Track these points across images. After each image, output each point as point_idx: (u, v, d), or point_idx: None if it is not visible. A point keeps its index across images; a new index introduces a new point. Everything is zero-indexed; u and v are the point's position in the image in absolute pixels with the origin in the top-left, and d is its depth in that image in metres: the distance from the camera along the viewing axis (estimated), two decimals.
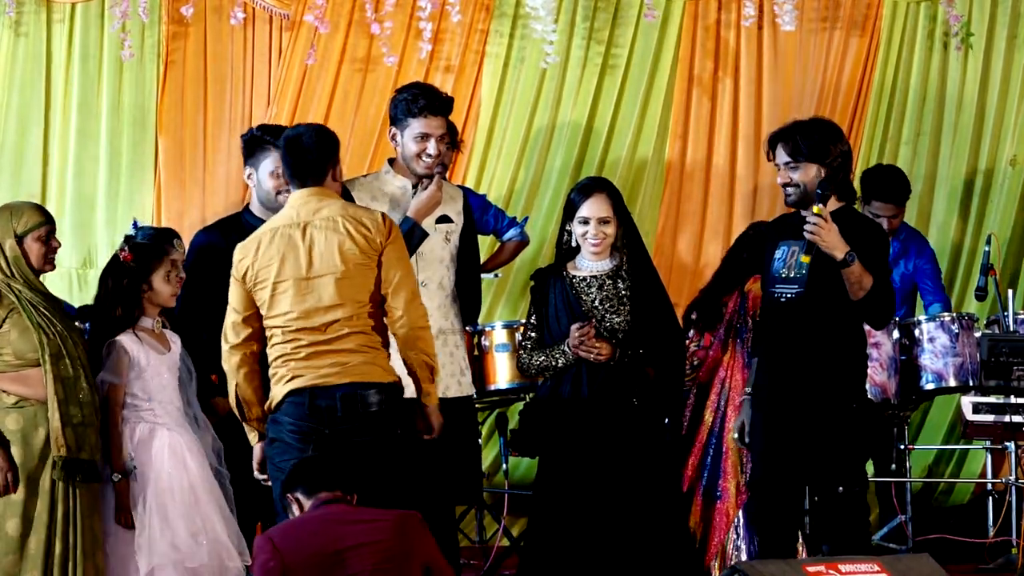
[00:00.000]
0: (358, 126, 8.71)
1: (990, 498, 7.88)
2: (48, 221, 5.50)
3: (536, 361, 6.09)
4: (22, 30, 8.55)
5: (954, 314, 7.60)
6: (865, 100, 8.85)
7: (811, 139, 5.80)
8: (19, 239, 5.38)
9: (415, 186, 6.18)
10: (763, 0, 8.76)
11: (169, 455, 5.53)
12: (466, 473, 6.19)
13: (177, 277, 5.66)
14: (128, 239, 5.68)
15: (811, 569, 5.32)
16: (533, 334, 6.18)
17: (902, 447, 7.72)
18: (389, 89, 8.64)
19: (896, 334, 7.40)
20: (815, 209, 5.69)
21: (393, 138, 6.23)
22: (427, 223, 6.14)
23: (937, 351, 7.41)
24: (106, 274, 5.61)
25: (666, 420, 6.17)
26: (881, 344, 7.34)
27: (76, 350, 5.32)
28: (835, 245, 5.65)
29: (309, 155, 5.53)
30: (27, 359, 5.26)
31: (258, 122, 8.54)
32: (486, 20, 8.78)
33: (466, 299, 6.28)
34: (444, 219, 6.21)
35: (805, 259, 5.70)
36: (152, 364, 5.58)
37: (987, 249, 7.75)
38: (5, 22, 8.50)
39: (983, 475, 8.25)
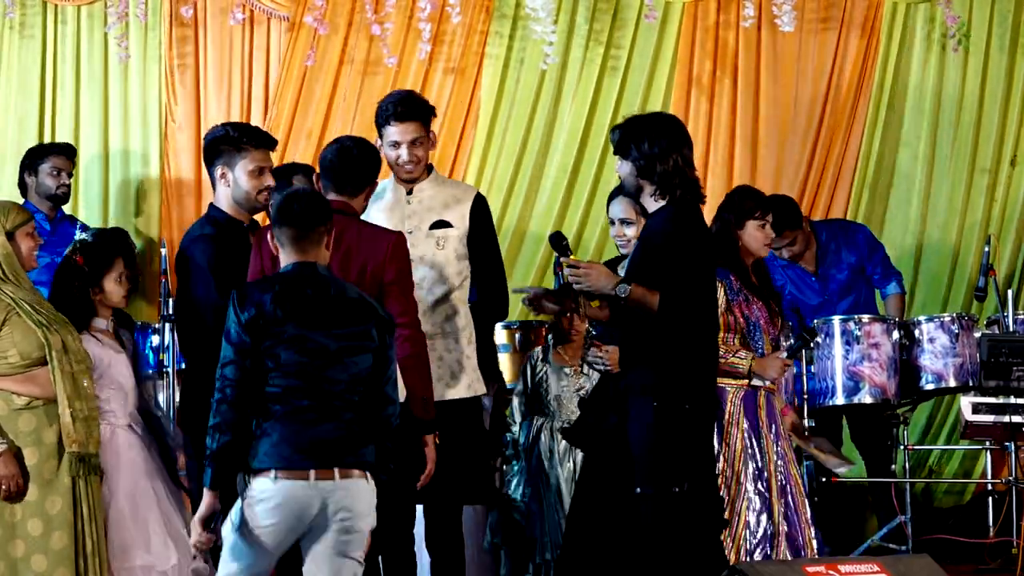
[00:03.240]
0: (358, 127, 8.70)
1: (990, 498, 7.89)
2: (31, 217, 5.51)
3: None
4: (23, 32, 8.56)
5: (954, 314, 7.60)
6: (864, 101, 8.86)
7: (620, 135, 5.71)
8: (9, 236, 5.37)
9: (409, 192, 6.15)
10: (762, 1, 8.77)
11: (134, 456, 5.54)
12: (460, 477, 6.10)
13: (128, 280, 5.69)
14: (81, 242, 5.68)
15: (811, 569, 5.32)
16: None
17: (902, 447, 7.72)
18: (389, 90, 8.66)
19: (896, 334, 7.40)
20: (564, 262, 5.63)
21: (381, 149, 6.20)
22: (421, 228, 6.09)
23: (937, 351, 7.42)
24: (58, 276, 5.61)
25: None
26: (881, 344, 7.35)
27: (75, 344, 5.33)
28: (600, 287, 5.55)
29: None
30: (33, 359, 5.25)
31: (257, 123, 8.58)
32: (486, 21, 8.79)
33: (486, 302, 6.24)
34: (440, 224, 6.13)
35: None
36: (113, 364, 5.59)
37: (987, 249, 7.75)
38: (6, 24, 8.51)
39: (983, 475, 8.26)
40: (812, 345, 7.20)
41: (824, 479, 7.45)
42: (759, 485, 6.02)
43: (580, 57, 8.81)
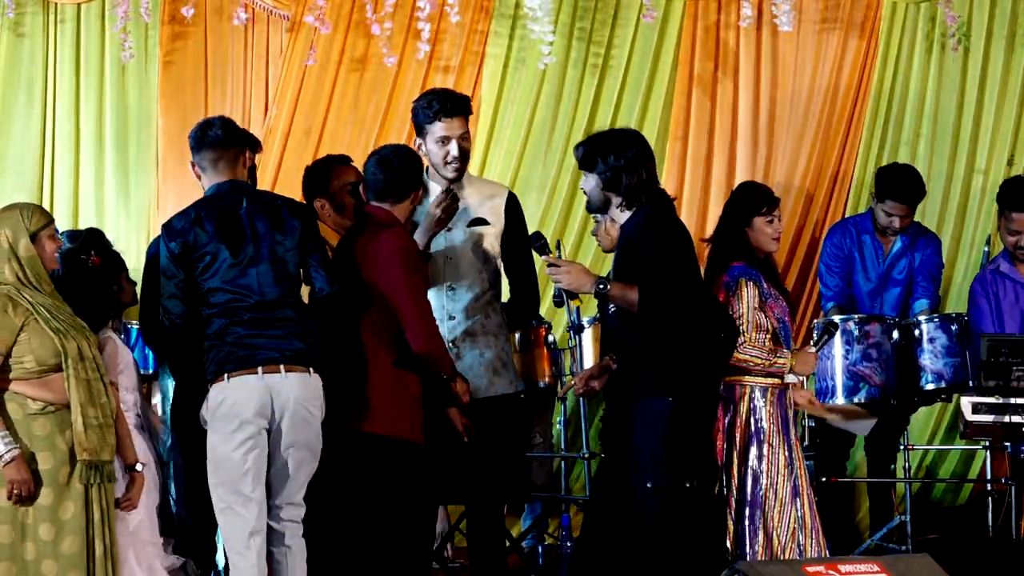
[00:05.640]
0: (357, 126, 8.71)
1: (990, 498, 7.88)
2: (52, 219, 5.52)
3: None
4: (22, 31, 8.56)
5: (954, 314, 7.59)
6: (864, 101, 8.86)
7: (585, 150, 5.88)
8: (33, 237, 5.36)
9: (448, 191, 6.16)
10: (761, 1, 8.77)
11: (142, 458, 5.58)
12: (503, 473, 6.16)
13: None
14: (89, 244, 5.76)
15: (811, 569, 5.33)
16: None
17: (902, 447, 7.72)
18: (388, 89, 8.67)
19: (896, 334, 7.39)
20: (543, 261, 5.83)
21: (419, 148, 6.23)
22: (459, 226, 6.15)
23: (937, 351, 7.41)
24: (77, 280, 5.62)
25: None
26: (881, 344, 7.34)
27: (92, 351, 5.32)
28: (579, 285, 5.75)
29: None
30: (49, 365, 5.24)
31: (257, 122, 8.58)
32: (485, 21, 8.79)
33: (519, 300, 6.29)
34: (478, 222, 6.20)
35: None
36: (129, 363, 5.69)
37: (986, 249, 7.76)
38: (5, 23, 8.50)
39: (983, 475, 8.25)
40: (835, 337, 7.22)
41: (824, 479, 7.46)
42: (795, 481, 6.06)
43: (579, 57, 8.81)
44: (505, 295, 6.40)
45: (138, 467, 5.47)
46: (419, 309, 5.74)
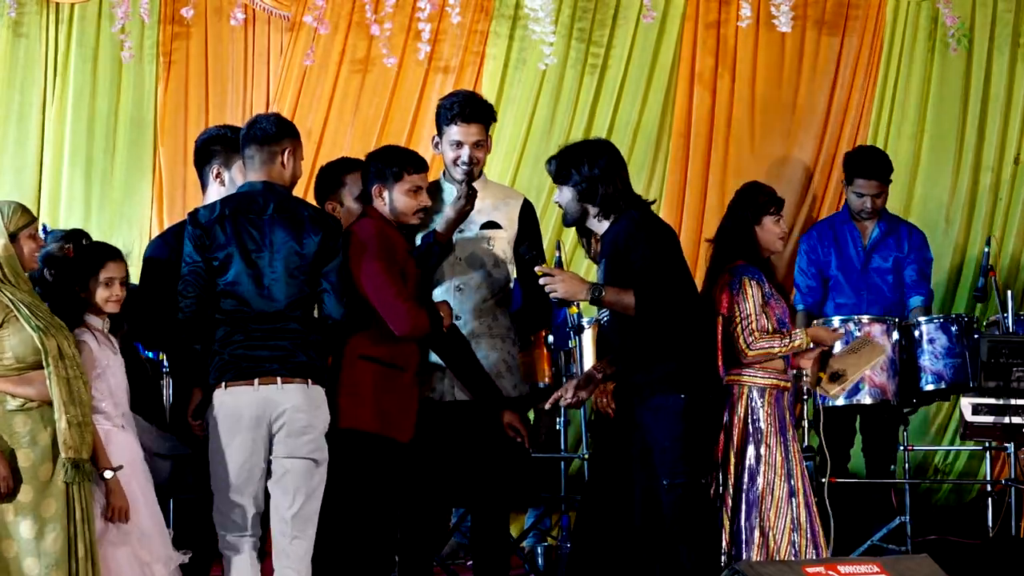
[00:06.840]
0: (357, 126, 8.72)
1: (990, 498, 7.88)
2: (35, 218, 5.50)
3: None
4: (22, 30, 8.57)
5: (954, 315, 7.59)
6: (868, 101, 8.85)
7: (558, 164, 5.91)
8: (12, 237, 5.36)
9: (468, 184, 6.15)
10: (760, 1, 8.77)
11: (128, 456, 5.56)
12: (511, 476, 6.17)
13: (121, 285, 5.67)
14: (71, 238, 5.73)
15: (811, 570, 5.33)
16: None
17: (902, 447, 7.72)
18: (389, 90, 8.67)
19: (895, 335, 7.39)
20: (537, 271, 5.85)
21: (436, 146, 6.25)
22: (472, 228, 6.16)
23: (937, 352, 7.41)
24: (47, 269, 5.61)
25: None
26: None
27: (71, 349, 5.30)
28: (574, 292, 5.76)
29: None
30: (28, 362, 5.24)
31: None
32: (485, 21, 8.79)
33: (530, 308, 6.31)
34: (490, 225, 6.20)
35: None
36: (110, 364, 5.60)
37: (987, 250, 7.75)
38: (5, 22, 8.52)
39: (983, 475, 8.26)
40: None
41: (824, 479, 7.45)
42: (791, 481, 6.07)
43: (578, 57, 8.81)
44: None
45: (107, 474, 5.42)
46: (391, 292, 5.66)
